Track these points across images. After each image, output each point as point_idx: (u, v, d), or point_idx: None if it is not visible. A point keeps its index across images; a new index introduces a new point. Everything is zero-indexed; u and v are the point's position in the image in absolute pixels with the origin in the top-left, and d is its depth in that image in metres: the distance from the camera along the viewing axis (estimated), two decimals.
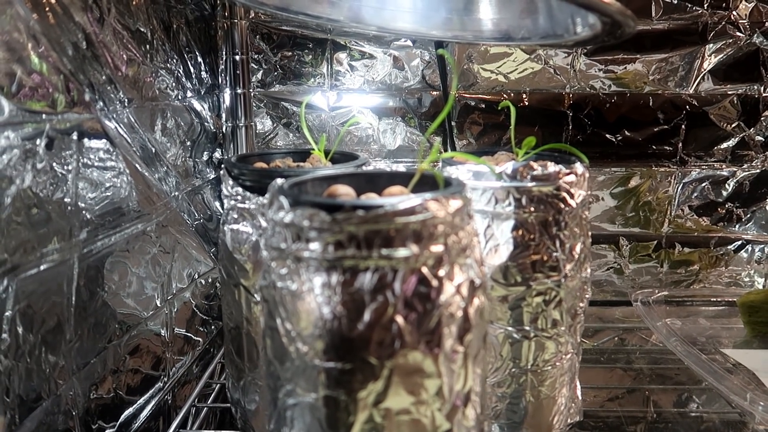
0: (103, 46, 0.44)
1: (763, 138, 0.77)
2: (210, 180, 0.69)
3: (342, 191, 0.38)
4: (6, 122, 0.33)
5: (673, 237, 0.81)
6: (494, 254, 0.45)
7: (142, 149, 0.53)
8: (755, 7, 0.72)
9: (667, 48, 0.73)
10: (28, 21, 0.36)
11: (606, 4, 0.31)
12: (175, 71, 0.60)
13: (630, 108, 0.76)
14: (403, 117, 0.76)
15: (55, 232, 0.39)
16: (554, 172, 0.44)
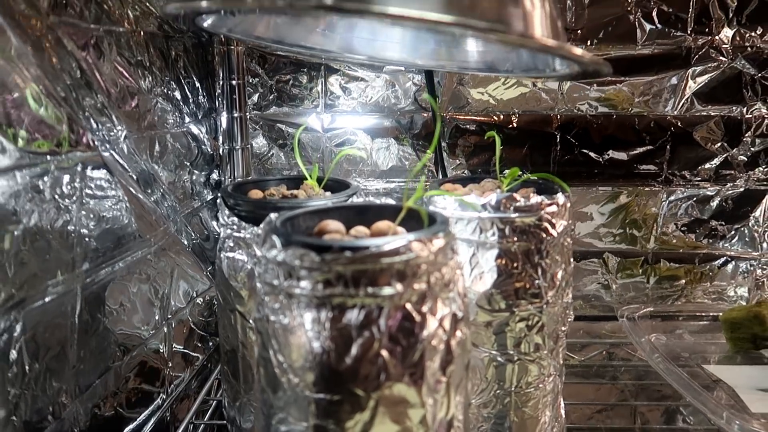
0: (104, 83, 0.46)
1: (746, 158, 0.79)
2: (207, 201, 0.71)
3: (332, 227, 0.40)
4: (14, 166, 0.34)
5: (660, 253, 0.83)
6: (479, 281, 0.47)
7: (141, 176, 0.55)
8: (737, 32, 0.74)
9: (652, 71, 0.76)
10: (29, 62, 0.38)
11: (580, 56, 0.33)
12: (173, 98, 0.62)
13: (616, 129, 0.78)
14: (396, 137, 0.78)
15: (59, 264, 0.41)
16: (536, 204, 0.46)
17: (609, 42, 0.75)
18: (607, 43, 0.75)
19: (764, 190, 0.80)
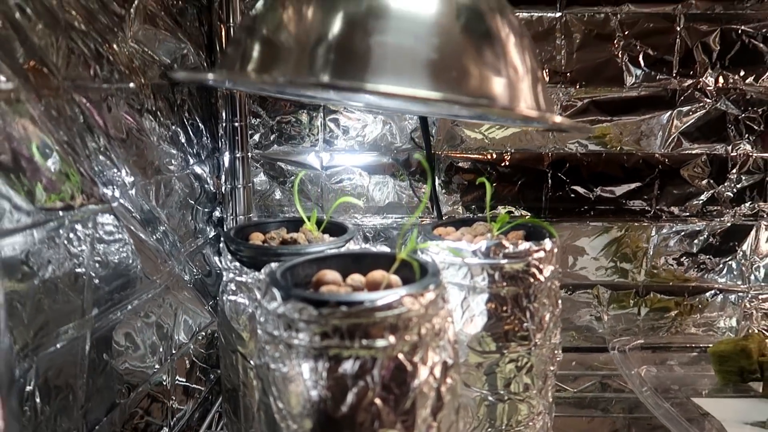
0: (113, 135, 0.49)
1: (733, 194, 0.82)
2: (210, 238, 0.73)
3: (329, 278, 0.42)
4: (32, 224, 0.37)
5: (650, 286, 0.85)
6: (470, 324, 0.49)
7: (146, 218, 0.57)
8: (720, 75, 0.77)
9: (640, 112, 0.78)
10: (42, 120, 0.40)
11: (559, 123, 0.35)
12: (178, 141, 0.64)
13: (606, 166, 0.81)
14: (393, 174, 0.81)
15: (71, 311, 0.43)
16: (524, 250, 0.48)
17: (597, 84, 0.77)
18: (596, 85, 0.77)
19: (750, 224, 0.83)
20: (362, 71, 0.34)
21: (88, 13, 0.46)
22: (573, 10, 0.76)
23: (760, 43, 0.76)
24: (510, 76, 0.37)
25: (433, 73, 0.34)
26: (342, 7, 0.37)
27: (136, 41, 0.54)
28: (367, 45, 0.35)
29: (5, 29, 0.36)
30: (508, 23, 0.40)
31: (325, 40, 0.36)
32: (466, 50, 0.36)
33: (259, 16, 0.41)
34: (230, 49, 0.42)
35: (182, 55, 0.64)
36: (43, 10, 0.40)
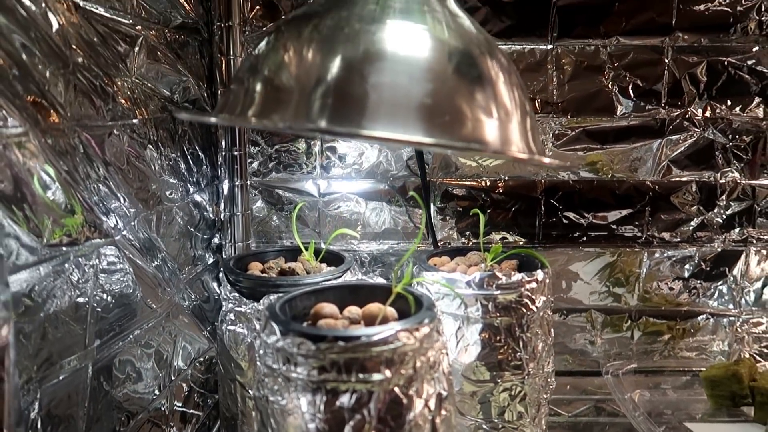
0: (118, 169, 0.50)
1: (722, 220, 0.83)
2: (208, 265, 0.74)
3: (326, 311, 0.43)
4: (39, 261, 0.38)
5: (643, 310, 0.87)
6: (464, 353, 0.50)
7: (146, 247, 0.59)
8: (708, 105, 0.79)
9: (630, 140, 0.80)
10: (48, 157, 0.42)
11: (548, 164, 0.37)
12: (179, 171, 0.66)
13: (598, 193, 0.82)
14: (389, 200, 0.82)
15: (74, 343, 0.44)
16: (517, 281, 0.49)
17: (588, 114, 0.79)
18: (587, 115, 0.79)
19: (740, 250, 0.84)
20: (358, 116, 0.35)
21: (93, 50, 0.48)
22: (564, 42, 0.78)
23: (745, 75, 0.79)
24: (501, 117, 0.39)
25: (427, 118, 0.36)
26: (340, 51, 0.38)
27: (139, 76, 0.56)
28: (363, 90, 0.36)
29: (11, 69, 0.37)
30: (497, 63, 0.42)
31: (324, 83, 0.37)
32: (459, 94, 0.38)
33: (262, 56, 0.42)
34: (233, 86, 0.44)
35: (183, 88, 0.66)
36: (48, 49, 0.41)
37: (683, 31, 0.77)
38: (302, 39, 0.40)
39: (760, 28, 0.77)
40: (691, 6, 0.77)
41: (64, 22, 0.43)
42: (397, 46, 0.38)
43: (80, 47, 0.46)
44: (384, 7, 0.40)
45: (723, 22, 0.77)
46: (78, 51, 0.45)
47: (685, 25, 0.77)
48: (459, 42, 0.41)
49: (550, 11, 0.77)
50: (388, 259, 0.83)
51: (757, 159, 0.82)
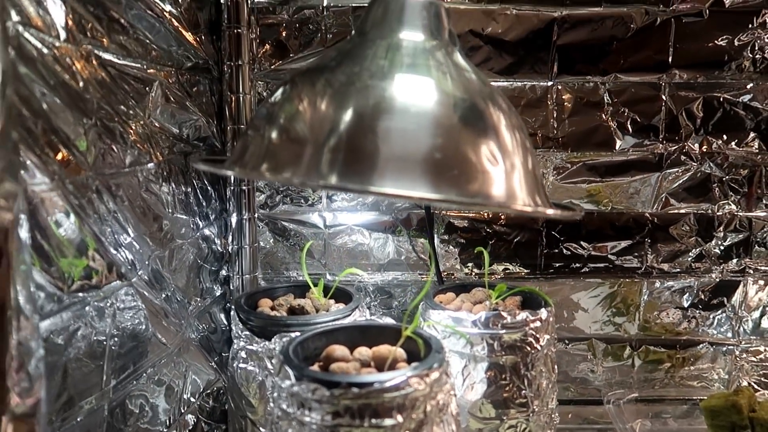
0: (134, 213, 0.52)
1: (720, 251, 0.85)
2: (217, 297, 0.76)
3: (338, 354, 0.45)
4: (61, 309, 0.40)
5: (643, 339, 0.88)
6: (471, 391, 0.51)
7: (158, 283, 0.60)
8: (704, 140, 0.81)
9: (629, 174, 0.82)
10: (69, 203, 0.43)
11: (552, 215, 0.38)
12: (190, 208, 0.67)
13: (598, 225, 0.84)
14: (393, 231, 0.84)
15: (91, 384, 0.45)
16: (522, 321, 0.51)
17: (588, 149, 0.81)
18: (586, 150, 0.81)
19: (738, 280, 0.86)
20: (369, 171, 0.37)
21: (110, 96, 0.50)
22: (564, 79, 0.80)
23: (740, 110, 0.81)
24: (506, 168, 0.41)
25: (436, 172, 0.37)
26: (351, 106, 0.40)
27: (154, 118, 0.57)
28: (373, 145, 0.38)
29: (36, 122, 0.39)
30: (498, 109, 0.43)
31: (335, 136, 0.39)
32: (466, 147, 0.39)
33: (278, 105, 0.44)
34: (250, 132, 0.45)
35: (195, 126, 0.68)
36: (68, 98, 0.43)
37: (680, 68, 0.80)
38: (316, 91, 0.42)
39: (754, 65, 0.80)
40: (687, 44, 0.79)
41: (81, 68, 0.44)
42: (406, 101, 0.40)
43: (98, 94, 0.47)
44: (393, 62, 0.42)
45: (718, 60, 0.80)
46: (96, 98, 0.47)
47: (681, 62, 0.79)
48: (464, 93, 0.42)
49: (550, 49, 0.79)
50: (394, 290, 0.84)
51: (753, 192, 0.83)
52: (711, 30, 0.79)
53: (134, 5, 0.53)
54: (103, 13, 0.48)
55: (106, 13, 0.48)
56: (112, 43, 0.50)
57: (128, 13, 0.52)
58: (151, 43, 0.57)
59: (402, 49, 0.43)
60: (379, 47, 0.43)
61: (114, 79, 0.50)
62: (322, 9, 0.77)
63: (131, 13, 0.53)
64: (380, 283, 0.84)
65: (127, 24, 0.52)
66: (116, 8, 0.50)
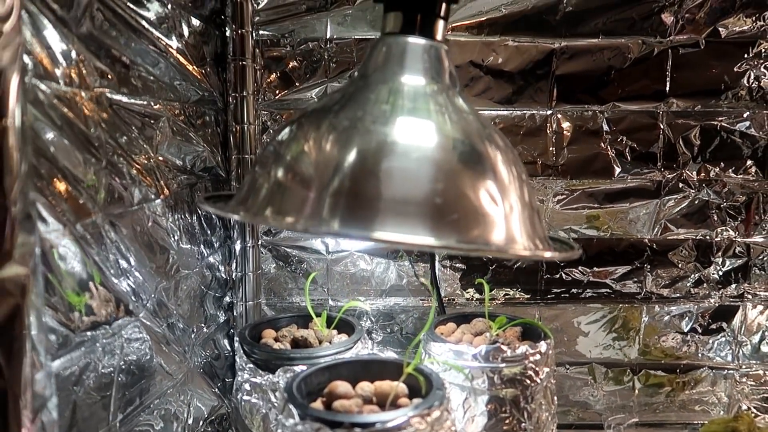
0: (139, 248, 0.53)
1: (719, 276, 0.86)
2: (220, 324, 0.77)
3: (341, 390, 0.46)
4: (71, 348, 0.41)
5: (644, 364, 0.88)
6: (471, 423, 0.52)
7: (162, 313, 0.61)
8: (702, 167, 0.82)
9: (627, 201, 0.83)
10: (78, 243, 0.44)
11: (550, 257, 0.39)
12: (195, 237, 0.68)
13: (597, 251, 0.85)
14: (395, 257, 0.85)
15: (99, 421, 0.46)
16: (522, 354, 0.52)
17: (587, 177, 0.82)
18: (585, 177, 0.82)
19: (737, 305, 0.87)
20: (371, 216, 0.38)
21: (117, 134, 0.51)
22: (563, 108, 0.81)
23: (737, 138, 0.82)
24: (505, 210, 0.42)
25: (437, 217, 0.38)
26: (354, 149, 0.41)
27: (161, 153, 0.59)
28: (375, 190, 0.39)
29: (45, 165, 0.40)
30: (495, 147, 0.44)
31: (338, 177, 0.40)
32: (466, 192, 0.40)
33: (284, 144, 0.45)
34: (258, 169, 0.46)
35: (200, 158, 0.69)
36: (76, 140, 0.44)
37: (677, 97, 0.81)
38: (320, 133, 0.43)
39: (750, 94, 0.81)
40: (684, 74, 0.80)
41: (90, 110, 0.46)
42: (407, 146, 0.41)
43: (106, 134, 0.48)
44: (394, 107, 0.43)
45: (715, 89, 0.81)
46: (105, 138, 0.48)
47: (678, 91, 0.81)
48: (464, 136, 0.43)
49: (549, 79, 0.80)
50: (397, 317, 0.85)
51: (752, 217, 0.84)
52: (707, 60, 0.80)
53: (139, 43, 0.55)
54: (108, 54, 0.49)
55: (110, 53, 0.49)
56: (119, 83, 0.51)
57: (133, 52, 0.54)
58: (156, 80, 0.58)
59: (403, 94, 0.44)
60: (381, 91, 0.44)
61: (121, 118, 0.51)
62: (325, 41, 0.78)
63: (136, 52, 0.54)
64: (382, 308, 0.85)
65: (131, 62, 0.53)
66: (120, 47, 0.51)
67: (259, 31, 0.77)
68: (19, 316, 0.28)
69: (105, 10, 0.48)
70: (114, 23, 0.49)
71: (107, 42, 0.48)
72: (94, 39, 0.46)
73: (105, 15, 0.48)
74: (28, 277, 0.28)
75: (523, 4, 0.78)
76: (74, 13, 0.43)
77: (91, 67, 0.46)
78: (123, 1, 0.51)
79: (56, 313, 0.39)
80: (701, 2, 0.78)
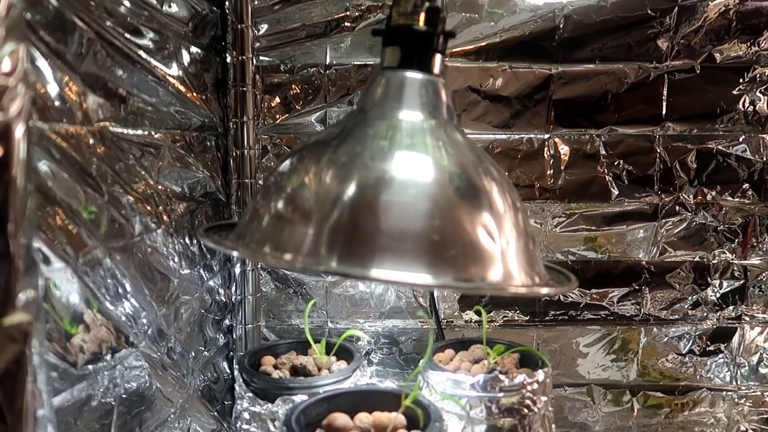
0: (140, 278, 0.53)
1: (716, 298, 0.86)
2: (220, 347, 0.77)
3: (339, 422, 0.46)
4: (72, 383, 0.41)
5: (642, 385, 0.89)
6: None
7: (161, 339, 0.61)
8: (698, 190, 0.83)
9: (625, 223, 0.84)
10: (80, 278, 0.45)
11: (546, 294, 0.40)
12: (195, 262, 0.69)
13: (596, 273, 0.85)
14: None
15: None
16: (519, 384, 0.52)
17: (584, 200, 0.83)
18: (583, 201, 0.83)
19: (734, 327, 0.87)
20: (368, 254, 0.38)
21: (120, 166, 0.51)
22: (560, 131, 0.82)
23: (733, 162, 0.82)
24: (501, 244, 0.42)
25: (434, 253, 0.39)
26: (352, 185, 0.42)
27: (161, 183, 0.59)
28: (373, 227, 0.39)
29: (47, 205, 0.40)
30: (491, 179, 0.45)
31: (336, 213, 0.40)
32: (463, 228, 0.41)
33: (286, 175, 0.46)
34: (259, 200, 0.46)
35: (201, 184, 0.69)
36: (79, 177, 0.45)
37: (673, 121, 0.82)
38: (320, 167, 0.44)
39: (746, 118, 0.82)
40: (679, 98, 0.81)
41: (90, 143, 0.46)
42: (404, 182, 0.41)
43: (105, 165, 0.49)
44: (392, 142, 0.44)
45: (711, 113, 0.82)
46: (106, 172, 0.49)
47: (674, 115, 0.82)
48: (461, 171, 0.44)
49: (547, 103, 0.81)
50: (396, 337, 0.85)
51: (748, 240, 0.85)
52: (703, 85, 0.81)
53: (139, 74, 0.55)
54: (108, 87, 0.50)
55: (109, 86, 0.50)
56: (118, 115, 0.51)
57: (133, 84, 0.54)
58: (155, 110, 0.59)
59: (401, 130, 0.44)
60: (379, 127, 0.45)
61: (121, 148, 0.52)
62: (324, 67, 0.79)
63: (136, 83, 0.55)
64: (381, 330, 0.85)
65: (130, 94, 0.54)
66: (120, 80, 0.52)
67: (260, 57, 0.78)
68: (22, 362, 0.29)
69: (105, 44, 0.48)
70: (113, 55, 0.50)
71: (107, 76, 0.49)
72: (95, 74, 0.47)
73: (106, 50, 0.48)
74: (31, 324, 0.29)
75: (520, 30, 0.79)
76: (75, 51, 0.44)
77: (91, 102, 0.47)
78: (122, 34, 0.51)
79: (57, 347, 0.39)
80: (696, 28, 0.79)
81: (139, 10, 0.54)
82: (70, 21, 0.43)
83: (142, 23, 0.55)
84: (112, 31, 0.49)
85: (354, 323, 0.84)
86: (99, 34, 0.47)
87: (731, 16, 0.79)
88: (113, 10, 0.50)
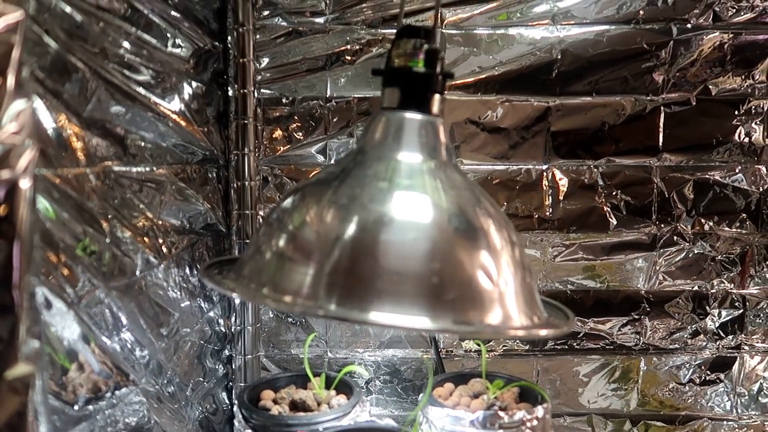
0: (142, 317, 0.53)
1: (715, 327, 0.86)
2: (219, 378, 0.77)
3: None
4: (73, 424, 0.41)
5: (643, 415, 0.88)
6: None
7: (160, 373, 0.61)
8: (696, 220, 0.84)
9: (623, 253, 0.84)
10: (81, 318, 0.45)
11: (544, 336, 0.40)
12: (194, 293, 0.69)
13: (595, 302, 0.86)
14: None
15: None
16: (519, 420, 0.52)
17: (583, 230, 0.84)
18: (581, 231, 0.84)
19: (734, 356, 0.87)
20: (367, 297, 0.38)
21: (122, 205, 0.52)
22: (558, 162, 0.83)
23: (730, 192, 0.83)
24: (500, 285, 0.42)
25: (433, 296, 0.39)
26: (352, 227, 0.42)
27: (162, 218, 0.60)
28: (370, 270, 0.40)
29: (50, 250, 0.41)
30: (488, 216, 0.45)
31: (335, 254, 0.41)
32: (461, 268, 0.41)
33: (288, 212, 0.46)
34: (262, 235, 0.47)
35: (202, 217, 0.70)
36: (78, 215, 0.45)
37: (670, 152, 0.83)
38: (321, 207, 0.44)
39: (741, 149, 0.82)
40: (676, 130, 0.82)
41: (91, 183, 0.47)
42: (403, 225, 0.42)
43: (107, 204, 0.49)
44: (392, 184, 0.44)
45: (707, 144, 0.83)
46: (105, 208, 0.49)
47: (671, 147, 0.82)
48: (459, 211, 0.44)
49: (545, 135, 0.82)
50: (396, 366, 0.85)
51: (747, 269, 0.85)
52: (699, 116, 0.82)
53: (139, 112, 0.56)
54: (108, 128, 0.50)
55: (110, 127, 0.51)
56: (119, 153, 0.52)
57: (134, 122, 0.55)
58: (156, 146, 0.60)
59: (400, 171, 0.45)
60: (378, 168, 0.45)
61: (122, 186, 0.53)
62: (325, 99, 0.80)
63: (136, 122, 0.56)
64: (380, 360, 0.85)
65: (129, 132, 0.54)
66: (121, 120, 0.52)
67: (261, 90, 0.79)
68: (24, 412, 0.29)
69: (105, 84, 0.49)
70: (112, 93, 0.51)
71: (107, 117, 0.50)
72: (95, 117, 0.48)
73: (107, 90, 0.49)
74: (33, 375, 0.29)
75: (518, 63, 0.80)
76: (75, 92, 0.44)
77: (92, 143, 0.47)
78: (122, 72, 0.52)
79: (56, 388, 0.40)
80: (692, 61, 0.80)
81: (138, 50, 0.55)
82: (70, 63, 0.44)
83: (142, 63, 0.56)
84: (112, 71, 0.50)
85: (354, 353, 0.84)
86: (98, 74, 0.48)
87: (726, 49, 0.80)
88: (112, 51, 0.51)
